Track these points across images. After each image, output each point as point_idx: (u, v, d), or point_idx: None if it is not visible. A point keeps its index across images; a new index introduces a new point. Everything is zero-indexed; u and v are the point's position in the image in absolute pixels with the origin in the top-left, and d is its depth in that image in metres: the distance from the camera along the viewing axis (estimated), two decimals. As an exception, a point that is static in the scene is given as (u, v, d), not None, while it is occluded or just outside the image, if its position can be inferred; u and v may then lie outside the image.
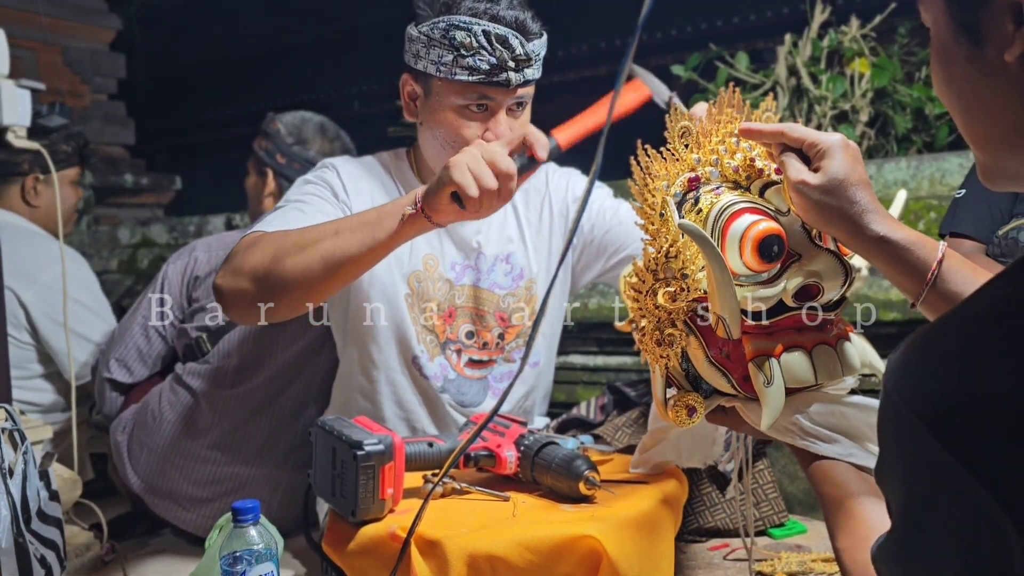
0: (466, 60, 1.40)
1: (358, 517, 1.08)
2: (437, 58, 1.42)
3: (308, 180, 1.58)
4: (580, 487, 1.14)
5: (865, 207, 0.92)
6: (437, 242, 1.61)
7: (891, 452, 0.56)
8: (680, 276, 0.99)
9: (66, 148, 2.29)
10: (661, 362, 1.02)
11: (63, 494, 1.60)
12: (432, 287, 1.59)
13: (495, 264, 1.64)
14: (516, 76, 1.42)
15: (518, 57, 1.40)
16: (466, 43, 1.38)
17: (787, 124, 0.98)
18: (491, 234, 1.64)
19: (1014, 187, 0.69)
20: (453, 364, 1.61)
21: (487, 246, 1.63)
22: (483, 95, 1.43)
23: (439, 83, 1.44)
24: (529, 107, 1.53)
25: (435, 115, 1.48)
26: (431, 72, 1.44)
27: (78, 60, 4.84)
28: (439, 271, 1.60)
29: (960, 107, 0.67)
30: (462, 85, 1.42)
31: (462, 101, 1.44)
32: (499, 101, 1.45)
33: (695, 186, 1.04)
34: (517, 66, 1.41)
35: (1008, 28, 0.60)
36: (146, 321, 2.00)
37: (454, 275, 1.61)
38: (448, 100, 1.44)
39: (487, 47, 1.39)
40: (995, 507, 0.47)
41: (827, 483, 0.98)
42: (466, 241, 1.62)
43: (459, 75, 1.41)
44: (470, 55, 1.39)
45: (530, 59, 1.43)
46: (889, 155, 2.98)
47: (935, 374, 0.52)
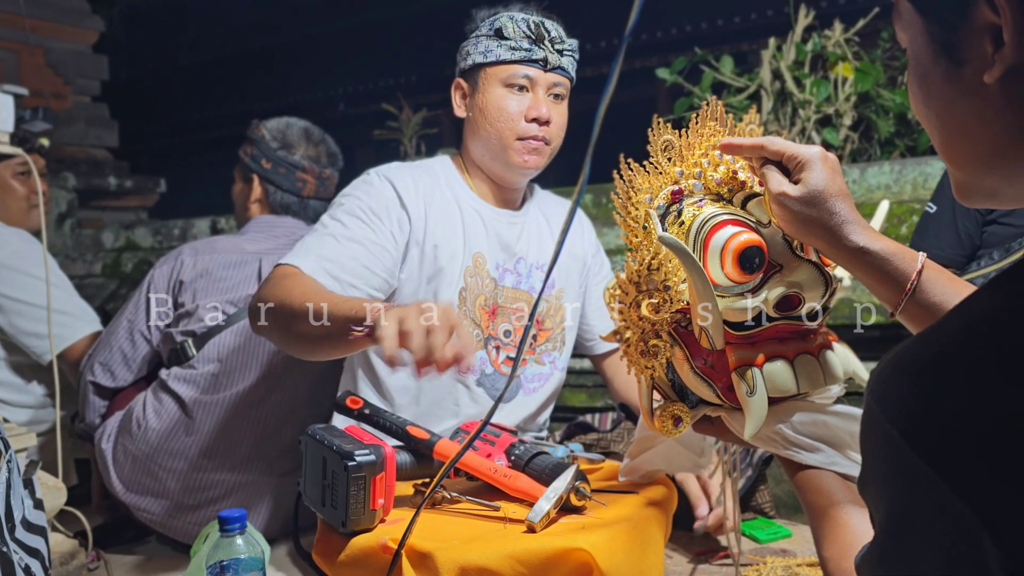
0: (509, 42, 1.61)
1: (349, 528, 1.07)
2: (484, 49, 1.63)
3: (350, 195, 1.65)
4: (571, 498, 1.15)
5: (845, 218, 0.93)
6: (485, 241, 1.71)
7: (873, 464, 0.57)
8: (663, 288, 1.00)
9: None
10: (647, 372, 1.03)
11: (48, 502, 1.59)
12: (480, 284, 1.69)
13: (532, 271, 1.75)
14: (553, 58, 1.62)
15: (554, 39, 1.63)
16: (508, 28, 1.61)
17: (767, 137, 0.99)
18: (530, 242, 1.76)
19: (991, 204, 0.70)
20: (492, 359, 1.69)
21: (527, 253, 1.75)
22: (524, 74, 1.62)
23: (485, 70, 1.64)
24: (566, 104, 1.69)
25: (483, 99, 1.64)
26: (479, 62, 1.64)
27: (60, 62, 4.80)
28: (486, 269, 1.70)
29: (938, 126, 0.68)
30: (506, 65, 1.62)
31: (506, 79, 1.62)
32: (537, 80, 1.63)
33: (678, 199, 1.05)
34: (552, 47, 1.63)
35: (987, 49, 0.60)
36: (131, 325, 1.98)
37: (498, 275, 1.72)
38: (494, 83, 1.63)
39: (527, 30, 1.61)
40: (973, 519, 0.47)
41: (812, 492, 0.99)
42: (510, 245, 1.73)
43: (503, 55, 1.61)
44: (513, 38, 1.61)
45: (564, 43, 1.65)
46: (872, 159, 3.00)
47: (914, 388, 0.53)
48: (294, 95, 8.81)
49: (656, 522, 1.21)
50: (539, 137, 1.63)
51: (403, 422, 1.20)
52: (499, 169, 1.69)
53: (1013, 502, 0.47)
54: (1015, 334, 0.51)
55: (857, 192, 2.61)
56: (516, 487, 1.18)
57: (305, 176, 2.06)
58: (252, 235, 2.06)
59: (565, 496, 1.14)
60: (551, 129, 1.64)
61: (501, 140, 1.63)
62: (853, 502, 0.94)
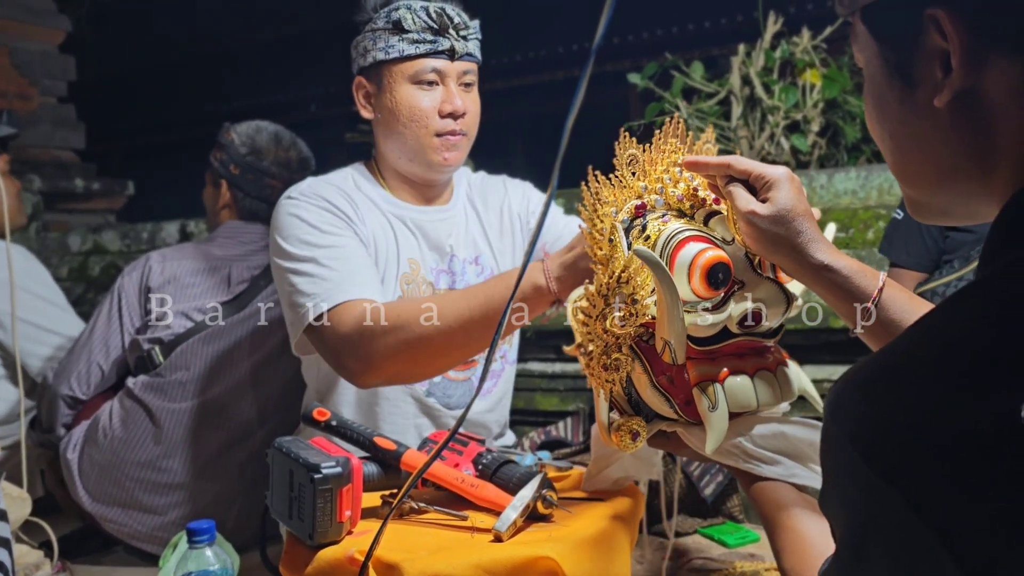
0: (410, 35, 1.51)
1: (316, 540, 1.07)
2: (384, 44, 1.53)
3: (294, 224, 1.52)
4: (538, 506, 1.15)
5: (810, 237, 0.96)
6: (416, 245, 1.63)
7: (832, 482, 0.58)
8: (630, 301, 1.00)
9: None
10: (607, 387, 1.04)
11: (12, 513, 1.57)
12: (417, 291, 1.62)
13: (466, 266, 1.67)
14: (460, 45, 1.54)
15: (458, 26, 1.54)
16: (407, 19, 1.50)
17: (733, 156, 1.01)
18: (460, 237, 1.68)
19: (943, 221, 0.72)
20: None
21: (458, 249, 1.67)
22: (433, 67, 1.53)
23: (390, 67, 1.54)
24: (477, 90, 1.61)
25: (391, 99, 1.55)
26: (380, 59, 1.54)
27: (26, 62, 4.72)
28: (421, 274, 1.63)
29: (891, 145, 0.69)
30: (411, 60, 1.52)
31: (413, 76, 1.53)
32: (446, 72, 1.55)
33: (641, 213, 1.07)
34: (458, 34, 1.54)
35: (937, 74, 0.62)
36: (106, 337, 1.96)
37: (433, 278, 1.64)
38: (401, 81, 1.54)
39: (428, 20, 1.51)
40: (932, 536, 0.48)
41: (768, 503, 1.00)
42: (440, 244, 1.66)
43: (407, 50, 1.51)
44: (414, 30, 1.51)
45: (468, 28, 1.56)
46: (840, 164, 3.04)
47: (871, 407, 0.54)
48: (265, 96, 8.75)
49: (622, 529, 1.22)
50: (457, 132, 1.56)
51: (370, 433, 1.20)
52: (419, 170, 1.61)
53: (969, 518, 0.47)
54: (965, 349, 0.52)
55: (825, 197, 2.64)
56: (483, 496, 1.18)
57: (274, 182, 2.04)
58: (221, 241, 2.05)
59: (532, 504, 1.15)
60: (467, 120, 1.58)
61: (418, 140, 1.55)
62: (809, 512, 0.96)
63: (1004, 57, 0.59)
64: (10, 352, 2.14)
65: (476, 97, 1.61)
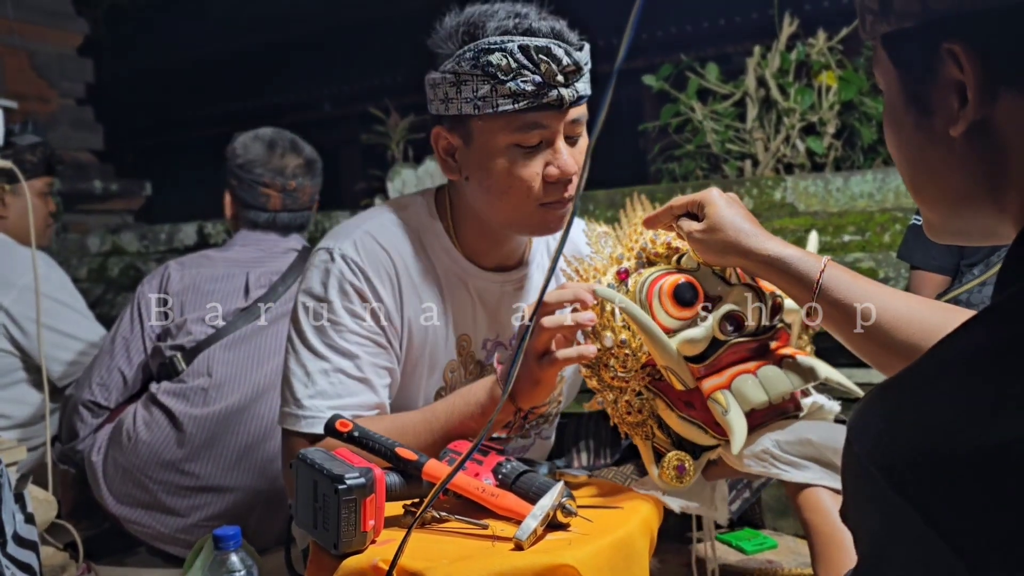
0: (507, 86, 1.18)
1: (340, 550, 1.09)
2: (472, 94, 1.20)
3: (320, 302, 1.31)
4: (557, 515, 1.17)
5: (749, 233, 1.07)
6: (471, 317, 1.39)
7: (852, 498, 0.59)
8: (620, 343, 1.11)
9: (31, 158, 2.28)
10: (640, 433, 1.14)
11: (38, 515, 1.60)
12: (462, 375, 1.40)
13: None
14: (568, 92, 1.20)
15: (566, 69, 1.19)
16: (503, 65, 1.17)
17: (673, 199, 1.16)
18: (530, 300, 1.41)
19: (958, 242, 0.74)
20: None
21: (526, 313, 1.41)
22: (535, 123, 1.21)
23: (480, 123, 1.22)
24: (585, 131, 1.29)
25: (483, 164, 1.25)
26: (468, 112, 1.21)
27: (45, 64, 4.78)
28: (470, 352, 1.40)
29: (908, 169, 0.71)
30: (508, 117, 1.20)
31: (512, 136, 1.21)
32: (554, 127, 1.23)
33: (624, 278, 1.18)
34: (567, 80, 1.20)
35: (954, 105, 0.63)
36: (127, 344, 1.99)
37: (484, 354, 1.41)
38: (495, 140, 1.22)
39: (528, 64, 1.18)
40: (950, 554, 0.49)
41: (811, 511, 1.05)
42: (499, 316, 1.40)
43: (503, 105, 1.19)
44: (510, 78, 1.17)
45: (580, 68, 1.21)
46: (856, 166, 3.04)
47: (891, 426, 0.55)
48: (280, 95, 8.79)
49: (642, 537, 1.23)
50: (564, 199, 1.26)
51: (392, 444, 1.22)
52: (513, 233, 1.35)
53: (987, 535, 0.48)
54: (983, 369, 0.53)
55: (841, 200, 2.64)
56: (503, 505, 1.20)
57: (267, 191, 2.06)
58: (238, 248, 2.08)
59: (552, 513, 1.16)
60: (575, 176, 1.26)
61: (518, 211, 1.27)
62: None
63: (1013, 92, 0.60)
64: (31, 357, 2.18)
65: (584, 139, 1.29)
